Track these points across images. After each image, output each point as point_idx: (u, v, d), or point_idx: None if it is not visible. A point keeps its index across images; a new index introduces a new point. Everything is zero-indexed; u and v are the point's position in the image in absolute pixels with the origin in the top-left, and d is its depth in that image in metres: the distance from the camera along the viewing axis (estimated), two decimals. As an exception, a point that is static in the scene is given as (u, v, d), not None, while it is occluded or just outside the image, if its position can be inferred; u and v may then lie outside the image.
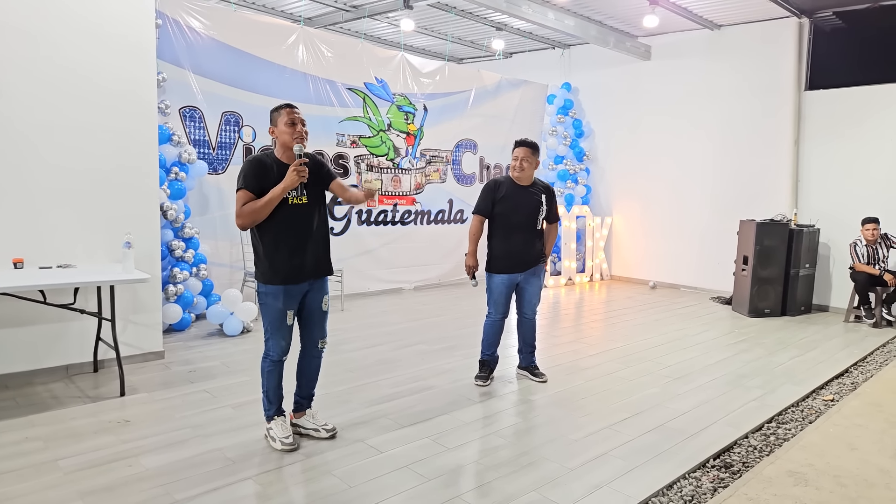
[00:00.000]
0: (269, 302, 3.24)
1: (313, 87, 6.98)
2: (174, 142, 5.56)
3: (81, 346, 4.49)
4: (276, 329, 3.26)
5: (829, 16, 7.53)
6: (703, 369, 5.00)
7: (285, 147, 3.21)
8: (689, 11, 7.68)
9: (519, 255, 4.36)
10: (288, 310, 3.25)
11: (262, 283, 3.25)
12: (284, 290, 3.21)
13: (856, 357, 5.49)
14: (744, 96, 8.15)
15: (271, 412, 3.38)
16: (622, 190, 9.56)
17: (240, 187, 3.13)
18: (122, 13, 4.50)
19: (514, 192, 4.36)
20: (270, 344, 3.31)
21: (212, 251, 6.12)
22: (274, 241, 3.19)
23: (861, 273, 6.80)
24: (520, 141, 4.40)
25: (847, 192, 7.43)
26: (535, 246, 4.42)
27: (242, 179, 3.13)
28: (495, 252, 4.37)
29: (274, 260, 3.20)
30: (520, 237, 4.34)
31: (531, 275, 4.43)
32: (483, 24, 8.76)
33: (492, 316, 4.47)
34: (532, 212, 4.37)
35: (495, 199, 4.35)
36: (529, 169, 4.35)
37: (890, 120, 7.09)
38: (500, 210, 4.34)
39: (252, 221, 3.13)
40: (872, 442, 3.64)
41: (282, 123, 3.19)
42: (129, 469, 3.05)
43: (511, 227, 4.34)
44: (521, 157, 4.32)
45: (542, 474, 3.12)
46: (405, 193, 8.14)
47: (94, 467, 3.06)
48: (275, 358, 3.32)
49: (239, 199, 3.12)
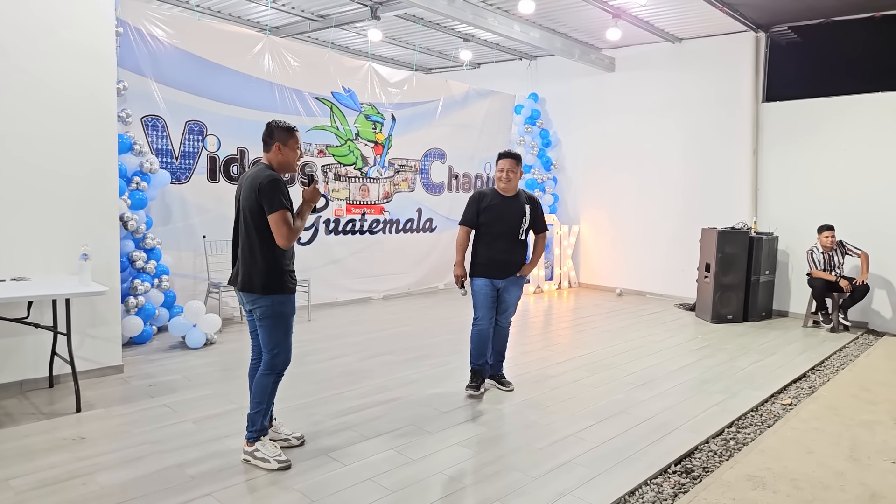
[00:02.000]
0: (286, 311, 3.25)
1: (279, 96, 6.93)
2: (135, 151, 5.46)
3: (36, 361, 4.35)
4: (284, 339, 3.27)
5: (784, 30, 7.78)
6: (666, 375, 5.07)
7: (286, 164, 3.29)
8: (651, 25, 7.86)
9: (500, 262, 4.44)
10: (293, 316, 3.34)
11: (279, 293, 3.21)
12: (293, 298, 3.30)
13: (813, 361, 5.64)
14: (705, 107, 8.36)
15: (258, 431, 3.27)
16: (589, 199, 9.69)
17: (280, 208, 3.08)
18: (81, 19, 4.41)
19: (499, 203, 4.46)
20: (281, 357, 3.27)
21: (175, 262, 6.01)
22: (287, 253, 3.26)
23: (818, 279, 7.00)
24: (504, 153, 4.50)
25: (803, 201, 7.66)
26: (516, 255, 4.50)
27: (280, 200, 3.09)
28: (478, 258, 4.47)
29: (286, 270, 3.24)
30: (502, 245, 4.43)
31: (511, 283, 4.51)
32: (450, 35, 8.83)
33: (479, 323, 4.50)
34: (516, 221, 4.46)
35: (480, 209, 4.45)
36: (515, 179, 4.45)
37: (842, 131, 7.34)
38: (484, 219, 4.44)
39: (295, 240, 3.19)
40: (828, 445, 3.74)
41: (293, 148, 3.29)
42: (83, 488, 2.96)
43: (494, 235, 4.43)
44: (506, 169, 4.42)
45: (507, 483, 3.13)
46: (373, 202, 8.12)
47: (47, 486, 2.97)
48: (282, 370, 3.31)
49: (284, 220, 3.09)
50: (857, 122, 7.23)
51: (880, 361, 5.77)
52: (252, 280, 3.19)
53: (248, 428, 3.28)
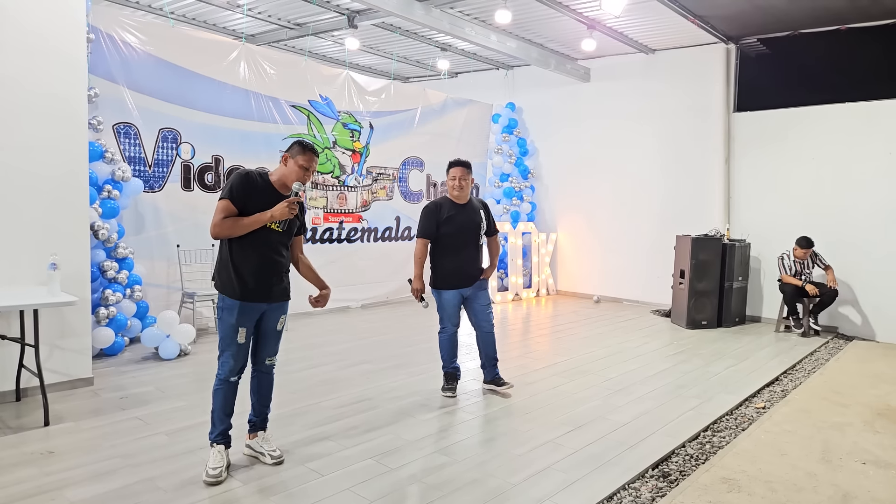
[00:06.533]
0: (223, 316, 3.22)
1: (255, 103, 6.88)
2: (107, 159, 5.37)
3: (2, 373, 4.23)
4: (227, 345, 3.22)
5: (753, 42, 7.96)
6: (643, 381, 5.12)
7: (286, 179, 3.23)
8: (625, 36, 7.99)
9: (467, 271, 4.51)
10: (241, 327, 3.20)
11: (220, 293, 3.23)
12: (241, 307, 3.19)
13: (786, 365, 5.73)
14: (678, 117, 8.50)
15: (212, 436, 3.27)
16: (566, 207, 9.77)
17: (224, 196, 3.13)
18: (52, 25, 4.33)
19: (457, 212, 4.49)
20: (221, 360, 3.25)
21: (147, 272, 5.91)
22: (242, 256, 3.19)
23: (788, 285, 7.13)
24: (454, 161, 4.53)
25: (774, 208, 7.81)
26: (479, 261, 4.61)
27: (228, 190, 3.14)
28: (444, 270, 4.48)
29: (237, 275, 3.17)
30: (466, 254, 4.50)
31: (477, 289, 4.58)
32: (428, 45, 8.87)
33: (447, 329, 4.59)
34: (475, 228, 4.55)
35: (440, 220, 4.45)
36: (467, 187, 4.51)
37: (811, 140, 7.52)
38: (446, 231, 4.46)
39: (228, 235, 3.15)
40: (801, 447, 3.80)
41: (297, 164, 3.20)
42: (51, 503, 2.88)
43: (458, 246, 4.46)
44: (458, 177, 4.46)
45: (486, 490, 3.12)
46: (351, 211, 8.09)
47: (15, 502, 2.88)
48: (222, 376, 3.24)
49: (221, 208, 3.12)
50: (825, 131, 7.41)
51: (850, 365, 5.89)
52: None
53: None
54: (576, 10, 7.10)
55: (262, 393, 3.44)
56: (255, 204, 3.14)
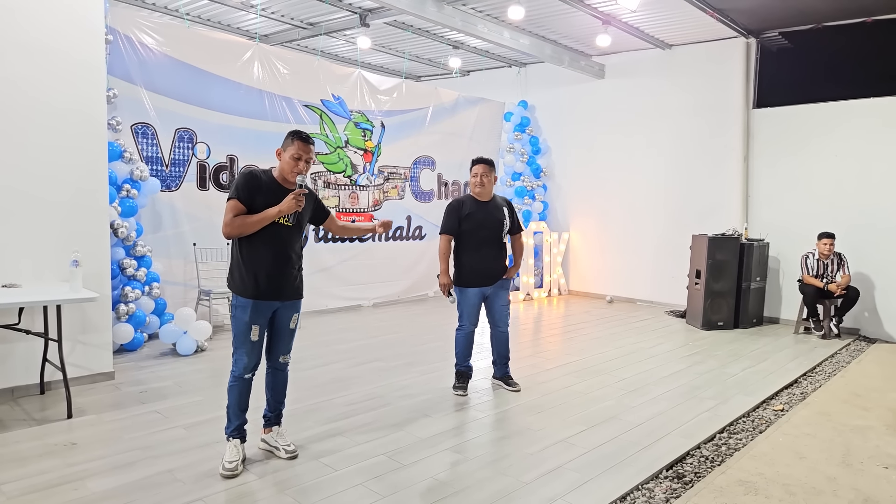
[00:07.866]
0: (237, 314, 3.26)
1: (269, 103, 6.93)
2: (126, 158, 5.44)
3: (27, 367, 4.32)
4: (241, 343, 3.26)
5: (775, 36, 7.82)
6: (657, 381, 5.08)
7: (284, 173, 3.27)
8: (641, 31, 7.92)
9: (488, 269, 4.53)
10: (254, 324, 3.24)
11: (233, 293, 3.28)
12: (253, 305, 3.22)
13: (805, 368, 5.65)
14: (695, 114, 8.41)
15: (228, 430, 3.33)
16: (579, 206, 9.73)
17: (231, 197, 3.17)
18: (70, 28, 4.40)
19: (478, 209, 4.52)
20: (235, 358, 3.29)
21: (165, 269, 5.98)
22: (254, 253, 3.22)
23: (809, 286, 6.99)
24: (477, 159, 4.57)
25: (795, 207, 7.69)
26: (501, 259, 4.61)
27: (235, 190, 3.18)
28: (466, 268, 4.51)
29: (249, 274, 3.22)
30: (488, 252, 4.52)
31: (499, 287, 4.60)
32: (440, 43, 8.87)
33: (465, 328, 4.60)
34: (497, 226, 4.56)
35: (461, 217, 4.49)
36: (489, 185, 4.53)
37: (834, 137, 7.38)
38: (466, 227, 4.48)
39: (239, 234, 3.19)
40: (820, 450, 3.74)
41: (288, 154, 3.24)
42: (74, 493, 2.94)
43: (479, 243, 4.49)
44: (480, 174, 4.49)
45: (498, 489, 3.12)
46: (363, 210, 8.12)
47: (39, 492, 2.95)
48: (237, 373, 3.29)
49: (230, 208, 3.16)
50: (848, 127, 7.26)
51: (872, 367, 5.80)
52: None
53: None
54: (591, 6, 7.05)
55: (277, 389, 3.49)
56: (261, 201, 3.18)
